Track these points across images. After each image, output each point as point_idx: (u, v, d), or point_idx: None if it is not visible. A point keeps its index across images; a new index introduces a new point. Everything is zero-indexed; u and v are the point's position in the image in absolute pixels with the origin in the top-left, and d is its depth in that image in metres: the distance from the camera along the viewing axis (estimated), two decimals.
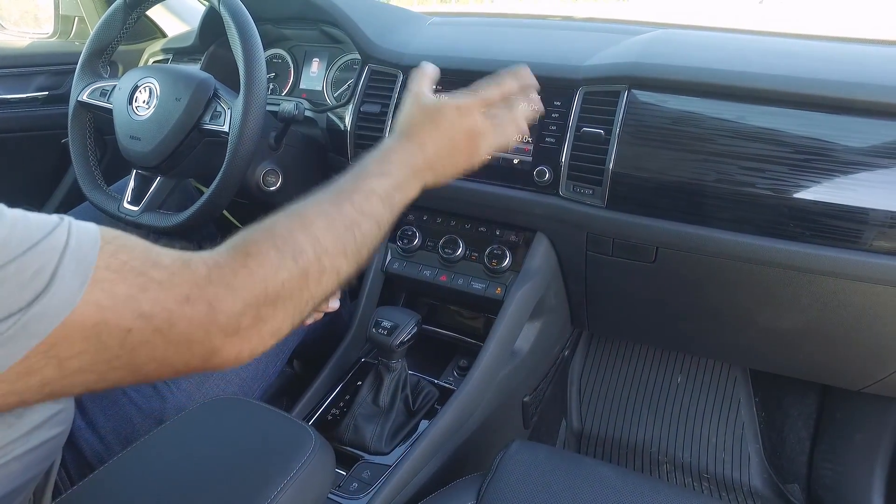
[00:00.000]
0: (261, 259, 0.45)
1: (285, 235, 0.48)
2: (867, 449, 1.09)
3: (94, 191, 0.95)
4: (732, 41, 0.92)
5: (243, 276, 0.44)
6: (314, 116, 1.08)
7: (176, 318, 0.40)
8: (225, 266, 0.44)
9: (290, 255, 0.47)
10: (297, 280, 0.47)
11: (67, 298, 0.35)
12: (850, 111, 0.73)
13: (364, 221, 0.54)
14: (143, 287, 0.38)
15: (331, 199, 0.53)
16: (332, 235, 0.51)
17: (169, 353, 0.40)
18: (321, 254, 0.49)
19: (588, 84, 0.86)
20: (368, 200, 0.55)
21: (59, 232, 0.36)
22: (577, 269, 0.97)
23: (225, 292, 0.42)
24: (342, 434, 0.81)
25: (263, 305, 0.45)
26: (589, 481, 0.65)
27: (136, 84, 0.88)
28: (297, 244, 0.48)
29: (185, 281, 0.41)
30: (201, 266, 0.42)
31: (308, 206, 0.52)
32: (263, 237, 0.47)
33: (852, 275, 0.75)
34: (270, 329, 0.46)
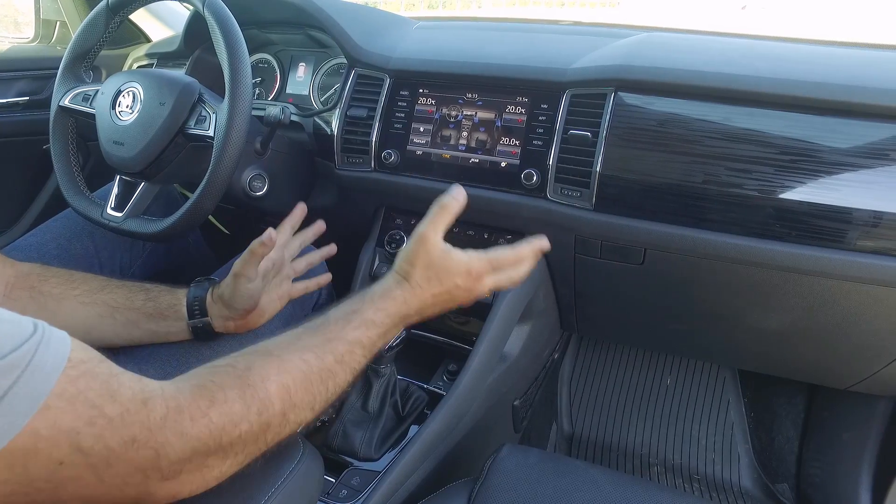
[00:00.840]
0: (224, 409, 0.43)
1: (257, 385, 0.46)
2: (854, 447, 1.10)
3: (76, 197, 0.93)
4: (717, 44, 0.93)
5: (201, 425, 0.42)
6: (301, 121, 1.07)
7: (115, 458, 0.37)
8: (185, 410, 0.41)
9: (255, 408, 0.45)
10: (256, 432, 0.46)
11: (9, 426, 0.33)
12: (832, 112, 0.74)
13: (341, 373, 0.53)
14: (90, 421, 0.36)
15: (316, 346, 0.52)
16: (305, 389, 0.49)
17: (98, 492, 0.38)
18: (288, 409, 0.48)
19: (575, 87, 0.86)
20: (352, 353, 0.54)
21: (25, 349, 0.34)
22: (566, 272, 0.97)
23: (176, 440, 0.40)
24: (331, 441, 0.80)
25: (213, 455, 0.43)
26: (579, 484, 0.64)
27: (120, 88, 0.87)
28: (267, 397, 0.46)
29: (136, 422, 0.38)
30: (159, 407, 0.40)
31: (291, 349, 0.51)
32: (233, 383, 0.45)
33: (838, 274, 0.75)
34: (214, 475, 0.45)
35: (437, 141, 0.95)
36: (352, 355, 0.54)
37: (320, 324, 0.55)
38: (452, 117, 0.94)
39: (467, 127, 0.93)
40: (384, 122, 0.97)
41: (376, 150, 0.98)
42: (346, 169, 1.01)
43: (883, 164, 0.72)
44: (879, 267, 0.73)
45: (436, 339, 1.04)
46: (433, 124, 0.95)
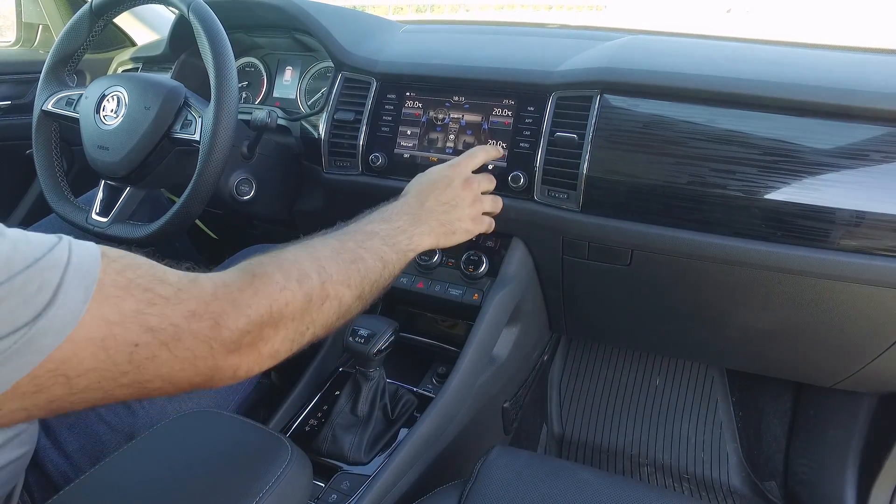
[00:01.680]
0: (266, 279, 0.47)
1: (291, 260, 0.51)
2: (840, 444, 1.12)
3: (60, 202, 0.92)
4: (701, 47, 0.94)
5: (248, 294, 0.45)
6: (288, 125, 1.07)
7: (182, 332, 0.41)
8: (231, 284, 0.45)
9: (295, 278, 0.49)
10: (300, 303, 0.49)
11: (72, 313, 0.35)
12: (814, 114, 0.75)
13: (368, 257, 0.58)
14: (150, 302, 0.39)
15: (335, 236, 0.58)
16: (337, 265, 0.54)
17: (174, 370, 0.41)
18: (325, 280, 0.52)
19: (561, 89, 0.86)
20: (371, 239, 0.60)
21: (59, 249, 0.37)
22: (554, 274, 0.98)
23: (230, 309, 0.44)
24: (320, 445, 0.79)
25: (266, 325, 0.46)
26: (570, 485, 0.64)
27: (104, 93, 0.87)
28: (303, 269, 0.51)
29: (191, 297, 0.42)
30: (207, 283, 0.44)
31: (314, 239, 0.57)
32: (269, 260, 0.50)
33: (821, 273, 0.76)
34: (269, 350, 0.48)
35: (425, 144, 0.95)
36: (371, 242, 0.60)
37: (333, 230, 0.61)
38: (439, 120, 0.94)
39: (454, 130, 0.93)
40: (371, 125, 0.97)
41: (363, 154, 0.97)
42: (334, 172, 1.01)
43: (864, 164, 0.73)
44: (862, 266, 0.74)
45: (425, 342, 1.04)
46: (420, 127, 0.95)
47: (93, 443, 0.71)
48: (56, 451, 0.70)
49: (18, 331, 0.33)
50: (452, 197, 0.73)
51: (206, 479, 0.55)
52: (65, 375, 0.36)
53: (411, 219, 0.67)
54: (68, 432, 0.71)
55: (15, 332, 0.33)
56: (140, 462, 0.59)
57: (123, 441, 0.69)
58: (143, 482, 0.56)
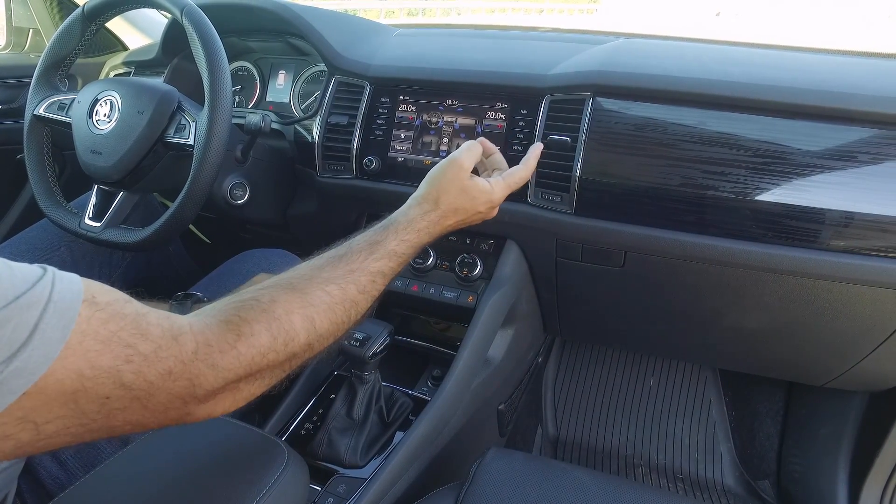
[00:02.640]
0: (252, 342, 0.46)
1: (282, 318, 0.48)
2: (831, 442, 1.13)
3: (52, 207, 0.92)
4: (692, 50, 0.95)
5: (231, 357, 0.44)
6: (281, 129, 1.07)
7: (156, 389, 0.40)
8: (213, 344, 0.44)
9: (282, 340, 0.48)
10: (282, 361, 0.49)
11: (46, 355, 0.35)
12: (802, 116, 0.76)
13: (363, 302, 0.56)
14: (127, 359, 0.39)
15: (339, 277, 0.54)
16: (329, 320, 0.52)
17: (145, 417, 0.41)
18: (313, 340, 0.51)
19: (554, 92, 0.87)
20: (374, 283, 0.57)
21: (42, 285, 0.36)
22: (548, 276, 0.98)
23: (208, 372, 0.43)
24: (316, 448, 0.79)
25: (243, 381, 0.46)
26: (565, 486, 0.65)
27: (97, 97, 0.86)
28: (293, 330, 0.49)
29: (170, 356, 0.41)
30: (189, 342, 0.42)
31: (313, 283, 0.53)
32: (259, 317, 0.47)
33: (811, 273, 0.77)
34: (245, 395, 0.48)
35: (418, 147, 0.95)
36: (373, 285, 0.57)
37: (343, 254, 0.57)
38: (433, 124, 0.94)
39: (448, 133, 0.94)
40: (365, 129, 0.98)
41: (357, 157, 0.98)
42: (328, 176, 1.01)
43: (852, 166, 0.74)
44: (851, 266, 0.75)
45: (420, 345, 1.04)
46: (414, 131, 0.95)
47: (87, 448, 0.71)
48: (49, 458, 0.69)
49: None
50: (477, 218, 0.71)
51: (202, 484, 0.55)
52: (33, 422, 0.35)
53: (421, 248, 0.64)
54: None
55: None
56: (135, 467, 0.59)
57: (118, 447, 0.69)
58: (138, 488, 0.56)
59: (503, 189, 0.72)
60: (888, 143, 0.73)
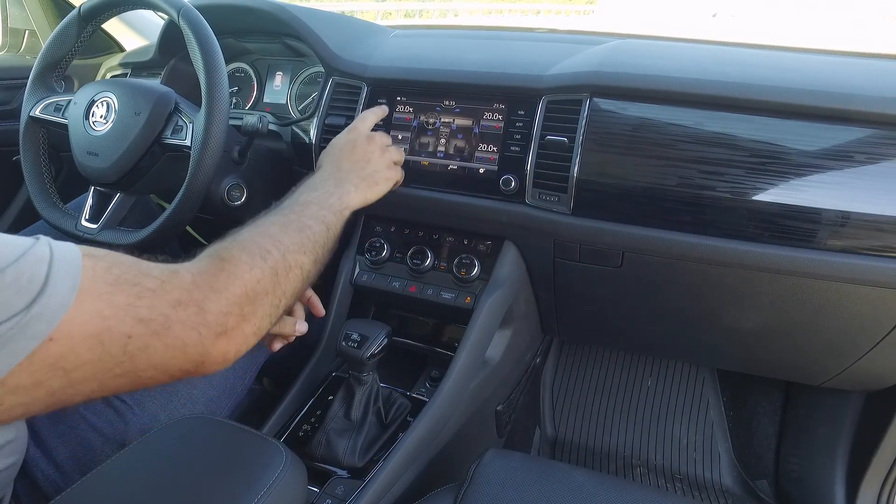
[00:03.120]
0: (235, 262, 0.51)
1: (250, 241, 0.56)
2: (829, 441, 1.13)
3: (49, 209, 0.91)
4: (688, 50, 0.95)
5: (223, 278, 0.49)
6: (278, 130, 1.07)
7: (171, 321, 0.44)
8: (206, 271, 0.49)
9: (258, 255, 0.54)
10: (269, 277, 0.54)
11: (62, 300, 0.38)
12: (799, 116, 0.76)
13: (311, 223, 0.64)
14: (138, 295, 0.42)
15: (276, 213, 0.64)
16: (289, 237, 0.59)
17: (166, 357, 0.44)
18: (284, 252, 0.57)
19: (551, 93, 0.87)
20: (307, 208, 0.66)
21: (40, 246, 0.39)
22: (546, 276, 0.98)
23: (211, 294, 0.47)
24: (314, 450, 0.79)
25: (245, 303, 0.50)
26: (563, 487, 0.65)
27: (93, 98, 0.86)
28: (262, 246, 0.55)
29: (175, 287, 0.45)
30: (186, 273, 0.47)
31: (260, 219, 0.62)
32: (231, 244, 0.54)
33: (809, 273, 0.77)
34: (252, 327, 0.51)
35: (416, 148, 0.95)
36: (308, 209, 0.66)
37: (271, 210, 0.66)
38: (430, 124, 0.94)
39: (445, 134, 0.94)
40: None
41: None
42: None
43: (848, 165, 0.74)
44: (848, 265, 0.75)
45: (418, 347, 1.04)
46: (411, 132, 0.95)
47: (83, 451, 0.71)
48: (46, 461, 0.69)
49: (14, 317, 0.35)
50: (362, 154, 0.80)
51: (200, 486, 0.55)
52: (63, 369, 0.38)
53: (334, 182, 0.73)
54: (58, 441, 0.70)
55: (10, 318, 0.35)
56: (132, 470, 0.58)
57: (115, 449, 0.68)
58: (135, 490, 0.56)
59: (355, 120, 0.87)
60: (884, 142, 0.73)
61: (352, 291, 1.01)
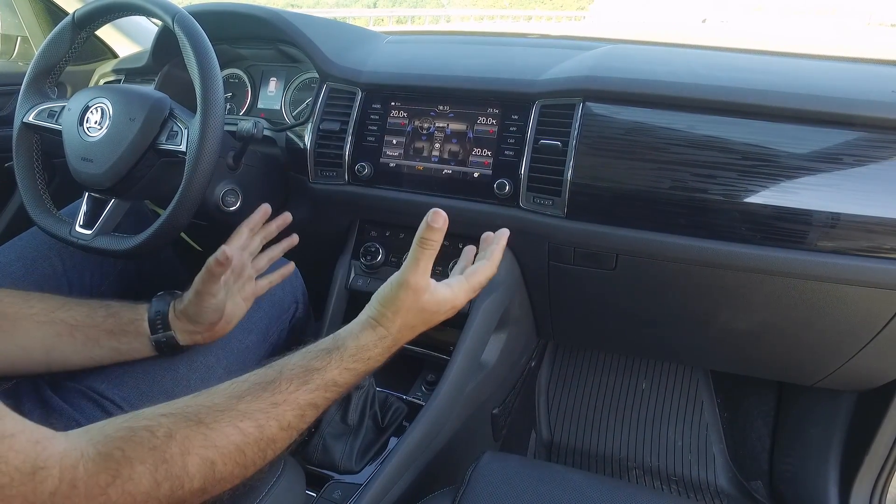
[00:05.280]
0: (128, 487, 0.39)
1: (174, 460, 0.41)
2: (822, 442, 1.14)
3: (42, 215, 0.91)
4: (679, 55, 0.96)
5: (98, 502, 0.38)
6: (273, 135, 1.07)
7: None
8: (79, 486, 0.37)
9: (167, 486, 0.40)
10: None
11: None
12: (788, 119, 0.77)
13: (284, 439, 0.47)
14: None
15: (258, 411, 0.46)
16: (235, 462, 0.44)
17: None
18: (210, 485, 0.43)
19: (544, 97, 0.88)
20: (302, 417, 0.48)
21: None
22: (541, 280, 0.99)
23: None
24: (311, 454, 0.79)
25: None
26: (561, 489, 0.65)
27: (87, 104, 0.86)
28: (185, 475, 0.41)
29: (19, 494, 0.35)
30: (50, 479, 0.36)
31: (226, 416, 0.44)
32: (145, 455, 0.40)
33: (800, 274, 0.78)
34: None
35: (410, 153, 0.96)
36: (301, 420, 0.48)
37: (270, 381, 0.48)
38: (425, 129, 0.95)
39: (440, 139, 0.94)
40: (357, 135, 0.98)
41: (349, 164, 0.98)
42: (320, 182, 1.01)
43: (837, 168, 0.75)
44: (838, 266, 0.76)
45: (413, 350, 1.04)
46: (406, 137, 0.96)
47: None
48: None
49: None
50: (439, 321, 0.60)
51: None
52: None
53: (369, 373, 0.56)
54: None
55: None
56: None
57: None
58: None
59: (467, 293, 0.60)
60: (871, 145, 0.75)
61: (347, 296, 1.01)
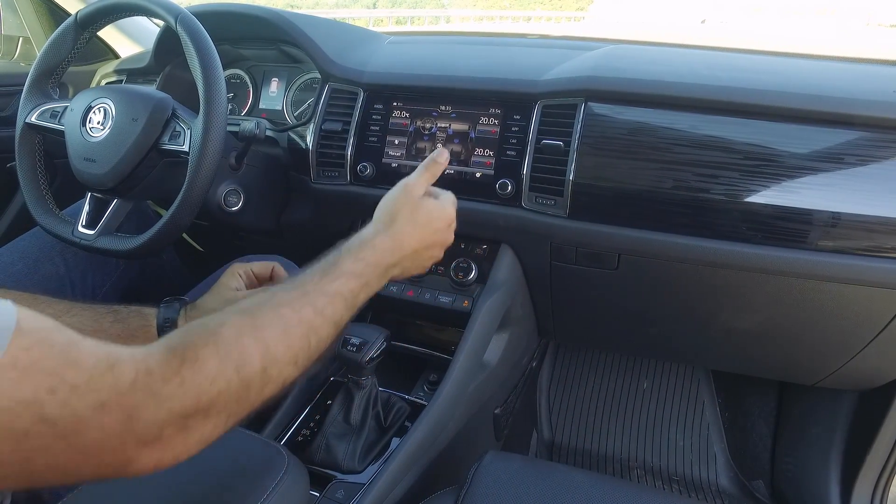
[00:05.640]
0: (198, 367, 0.41)
1: (231, 342, 0.44)
2: (823, 441, 1.14)
3: (45, 215, 0.91)
4: (680, 56, 0.96)
5: (174, 385, 0.40)
6: (275, 136, 1.07)
7: (86, 426, 0.36)
8: (155, 372, 0.39)
9: (232, 365, 0.43)
10: (235, 392, 0.44)
11: None
12: (790, 119, 0.77)
13: (322, 326, 0.51)
14: (51, 389, 0.34)
15: (293, 300, 0.51)
16: (285, 344, 0.48)
17: (73, 462, 0.36)
18: (269, 364, 0.46)
19: (546, 98, 0.88)
20: (332, 305, 0.52)
21: None
22: (542, 279, 0.99)
23: (149, 401, 0.38)
24: (314, 454, 0.79)
25: (192, 416, 0.41)
26: (563, 488, 0.65)
27: (90, 105, 0.86)
28: (244, 353, 0.44)
29: (104, 386, 0.37)
30: (127, 370, 0.38)
31: (265, 306, 0.49)
32: (205, 340, 0.43)
33: (802, 273, 0.78)
34: (197, 439, 0.42)
35: (412, 153, 0.96)
36: (332, 307, 0.52)
37: (297, 280, 0.53)
38: (427, 129, 0.95)
39: (442, 139, 0.94)
40: (359, 135, 0.98)
41: (351, 164, 0.98)
42: (322, 182, 1.01)
43: (839, 167, 0.75)
44: (840, 265, 0.76)
45: (416, 350, 1.04)
46: (408, 137, 0.96)
47: None
48: None
49: None
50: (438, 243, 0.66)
51: (203, 489, 0.55)
52: None
53: (383, 273, 0.59)
54: None
55: None
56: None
57: None
58: (137, 494, 0.56)
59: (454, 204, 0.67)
60: (872, 145, 0.75)
61: None
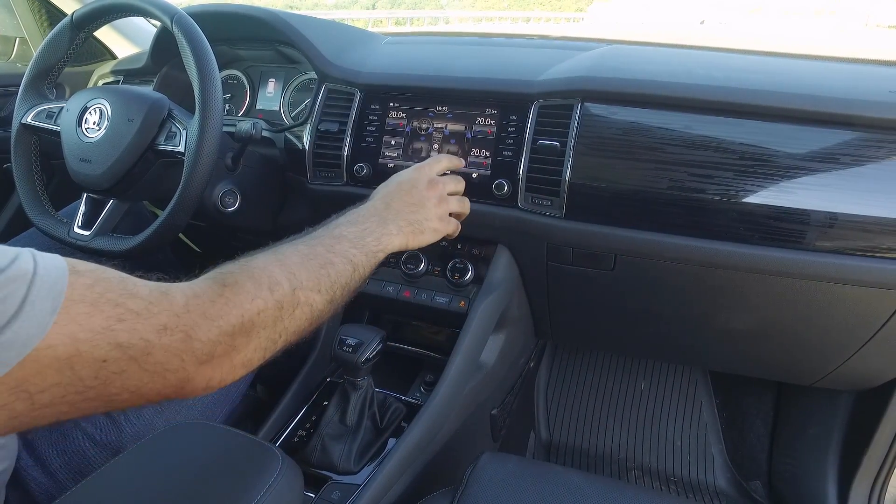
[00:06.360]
0: (237, 289, 0.47)
1: (261, 268, 0.51)
2: (820, 441, 1.14)
3: (41, 216, 0.91)
4: (677, 56, 0.96)
5: (220, 304, 0.46)
6: (272, 136, 1.07)
7: (152, 347, 0.40)
8: (202, 295, 0.45)
9: (266, 286, 0.50)
10: (271, 311, 0.50)
11: (39, 326, 0.34)
12: (785, 119, 0.77)
13: (337, 261, 0.58)
14: (119, 318, 0.39)
15: (304, 241, 0.59)
16: (307, 271, 0.55)
17: (143, 382, 0.41)
18: (296, 287, 0.52)
19: (542, 98, 0.88)
20: (339, 243, 0.61)
21: (23, 260, 0.35)
22: (539, 280, 0.99)
23: (202, 321, 0.44)
24: (310, 455, 0.79)
25: (238, 334, 0.47)
26: (559, 488, 0.65)
27: (86, 105, 0.86)
28: (273, 277, 0.51)
29: (162, 311, 0.41)
30: (179, 296, 0.44)
31: (283, 245, 0.57)
32: (239, 269, 0.50)
33: (798, 274, 0.78)
34: (242, 359, 0.48)
35: (409, 153, 0.96)
36: (340, 245, 0.60)
37: (304, 235, 0.61)
38: (423, 130, 0.95)
39: (438, 139, 0.94)
40: (356, 135, 0.98)
41: (348, 164, 0.98)
42: (318, 183, 1.01)
43: (834, 167, 0.75)
44: (835, 265, 0.76)
45: (412, 351, 1.04)
46: (404, 137, 0.96)
47: (77, 459, 0.70)
48: (38, 469, 0.68)
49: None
50: (419, 198, 0.73)
51: (196, 490, 0.55)
52: (27, 392, 0.35)
53: (379, 220, 0.67)
54: (51, 449, 0.69)
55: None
56: (127, 477, 0.58)
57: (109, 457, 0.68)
58: (130, 497, 0.56)
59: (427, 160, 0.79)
60: (868, 145, 0.75)
61: None
